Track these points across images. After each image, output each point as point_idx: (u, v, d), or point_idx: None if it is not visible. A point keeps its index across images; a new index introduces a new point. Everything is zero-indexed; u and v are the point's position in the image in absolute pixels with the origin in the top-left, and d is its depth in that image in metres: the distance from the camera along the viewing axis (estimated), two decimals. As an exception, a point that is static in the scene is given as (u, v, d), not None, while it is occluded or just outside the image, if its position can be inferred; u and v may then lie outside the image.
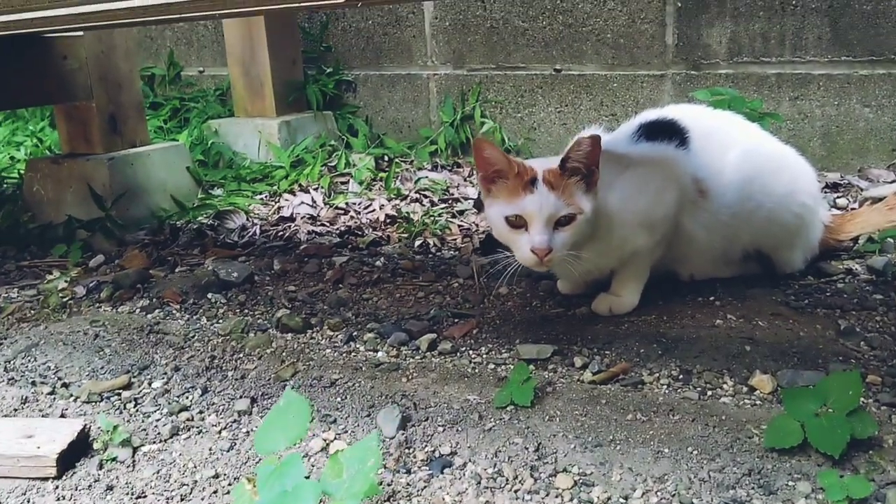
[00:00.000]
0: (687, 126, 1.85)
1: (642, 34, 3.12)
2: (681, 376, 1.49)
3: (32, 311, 2.08)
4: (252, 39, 3.53)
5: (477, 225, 2.61)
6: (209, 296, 2.10)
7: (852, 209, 2.45)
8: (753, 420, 1.28)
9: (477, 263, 2.19)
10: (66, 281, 2.25)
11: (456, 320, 1.86)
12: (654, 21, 3.08)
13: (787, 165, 1.91)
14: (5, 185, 3.16)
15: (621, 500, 1.11)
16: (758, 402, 1.37)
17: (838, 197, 2.59)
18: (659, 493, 1.12)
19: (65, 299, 2.16)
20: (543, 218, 1.54)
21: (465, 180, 3.15)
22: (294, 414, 0.99)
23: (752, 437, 1.23)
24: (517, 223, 1.57)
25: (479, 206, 2.77)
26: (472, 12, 3.41)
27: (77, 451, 1.29)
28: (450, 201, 2.88)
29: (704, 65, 3.03)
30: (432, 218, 2.66)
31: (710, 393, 1.42)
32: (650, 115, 1.92)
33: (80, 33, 2.71)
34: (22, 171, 3.00)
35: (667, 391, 1.43)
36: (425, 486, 1.17)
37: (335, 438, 1.32)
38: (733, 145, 1.86)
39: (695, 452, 1.20)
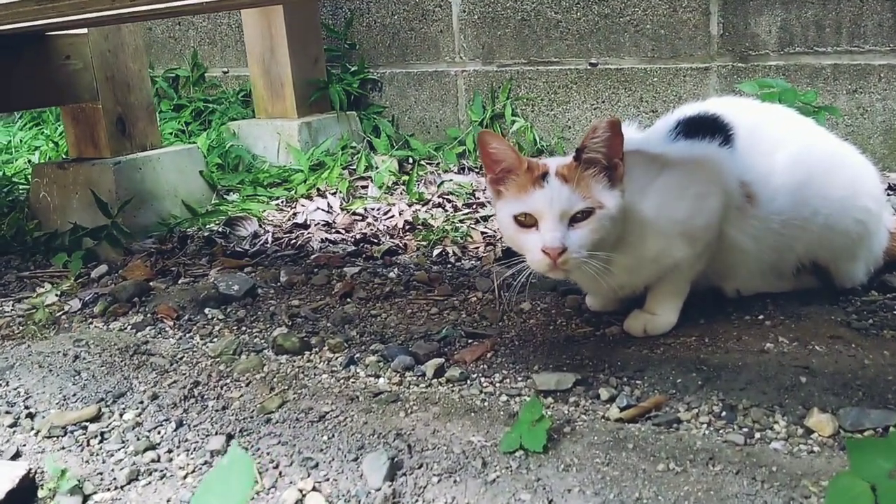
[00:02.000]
0: (731, 122, 1.62)
1: (684, 24, 2.88)
2: (724, 413, 1.27)
3: (20, 328, 1.94)
4: (272, 38, 3.37)
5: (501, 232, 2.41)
6: (206, 311, 1.93)
7: (921, 214, 2.19)
8: (811, 473, 1.06)
9: (498, 275, 1.99)
10: (56, 294, 2.11)
11: (470, 341, 1.66)
12: (698, 9, 2.84)
13: (847, 165, 1.68)
14: (19, 192, 3.05)
15: (646, 579, 0.91)
16: (816, 449, 1.15)
17: (904, 200, 2.34)
18: (694, 572, 0.91)
19: (58, 314, 2.01)
20: (555, 214, 1.34)
21: (493, 183, 2.94)
22: (237, 475, 0.81)
23: (808, 498, 1.01)
24: (527, 222, 1.38)
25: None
26: (502, 4, 3.21)
27: (18, 500, 1.12)
28: (474, 206, 2.68)
29: (753, 56, 2.79)
30: (453, 225, 2.46)
31: (758, 435, 1.20)
32: (690, 109, 1.70)
33: (85, 31, 2.57)
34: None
35: (707, 432, 1.22)
36: (410, 556, 0.97)
37: (313, 489, 1.13)
38: (785, 144, 1.63)
39: (739, 517, 0.99)
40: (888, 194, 2.41)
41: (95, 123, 2.64)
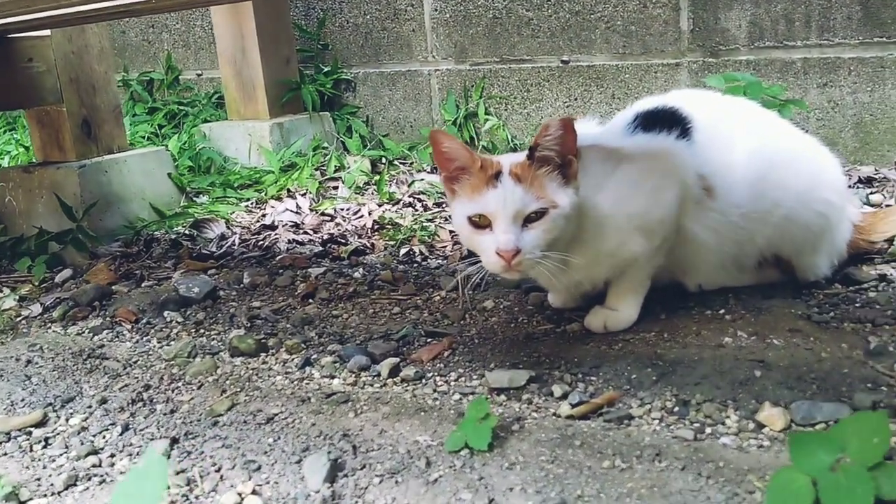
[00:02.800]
0: (690, 115, 1.61)
1: (655, 20, 2.87)
2: (676, 408, 1.25)
3: (-23, 334, 1.90)
4: (243, 39, 3.34)
5: (470, 230, 2.39)
6: (165, 314, 1.91)
7: (887, 206, 2.18)
8: (757, 468, 1.04)
9: (463, 274, 1.96)
10: (14, 299, 2.07)
11: (429, 340, 1.64)
12: (668, 5, 2.83)
13: (808, 158, 1.66)
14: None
15: (582, 579, 0.89)
16: (765, 443, 1.13)
17: (872, 192, 2.32)
18: (630, 571, 0.89)
19: (17, 319, 1.98)
20: (509, 215, 1.32)
21: (465, 182, 2.92)
22: (152, 479, 0.78)
23: (753, 493, 0.99)
24: (481, 223, 1.36)
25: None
26: (474, 3, 3.19)
27: (-49, 509, 1.10)
28: (444, 204, 2.66)
29: (723, 51, 2.77)
30: (421, 224, 2.44)
31: (708, 430, 1.18)
32: (649, 102, 1.68)
33: (48, 33, 2.54)
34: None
35: (657, 428, 1.20)
36: (342, 559, 0.95)
37: (253, 492, 1.11)
38: (745, 136, 1.61)
39: (680, 514, 0.97)
40: (857, 187, 2.40)
41: (60, 126, 2.61)
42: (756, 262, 1.67)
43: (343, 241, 2.42)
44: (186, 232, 2.61)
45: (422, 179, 2.91)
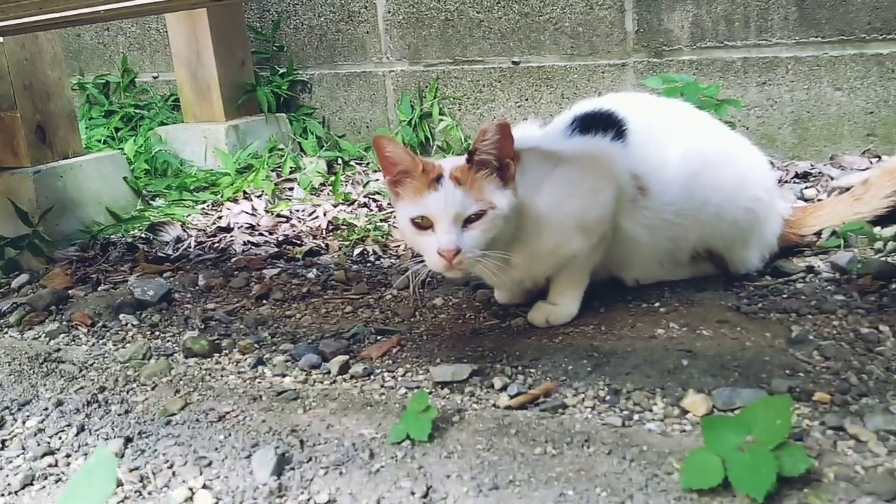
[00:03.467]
0: (625, 117, 1.68)
1: (601, 21, 2.94)
2: (608, 397, 1.32)
3: (-68, 340, 1.92)
4: (198, 41, 3.37)
5: (422, 230, 2.45)
6: (121, 317, 1.94)
7: (819, 200, 2.28)
8: (678, 451, 1.12)
9: (413, 273, 2.02)
10: (-30, 305, 2.09)
11: (379, 337, 1.70)
12: (613, 7, 2.91)
13: (737, 157, 1.74)
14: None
15: (509, 557, 0.95)
16: (688, 428, 1.20)
17: (806, 187, 2.42)
18: (554, 548, 0.95)
19: (-28, 325, 2.00)
20: (450, 217, 1.39)
21: (419, 182, 2.98)
22: (101, 475, 0.83)
23: (671, 474, 1.06)
24: (423, 224, 1.43)
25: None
26: (426, 4, 3.25)
27: None
28: (398, 205, 2.71)
29: (667, 51, 2.86)
30: (375, 224, 2.50)
31: (636, 417, 1.25)
32: (585, 106, 1.76)
33: (1, 39, 2.55)
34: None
35: (589, 416, 1.27)
36: (286, 546, 1.01)
37: (203, 486, 1.16)
38: (678, 137, 1.69)
39: (603, 494, 1.04)
40: (795, 182, 2.50)
41: (14, 132, 2.62)
42: (690, 257, 1.75)
43: (298, 242, 2.46)
44: (143, 235, 2.64)
45: (377, 180, 2.97)
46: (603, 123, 1.68)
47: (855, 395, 1.24)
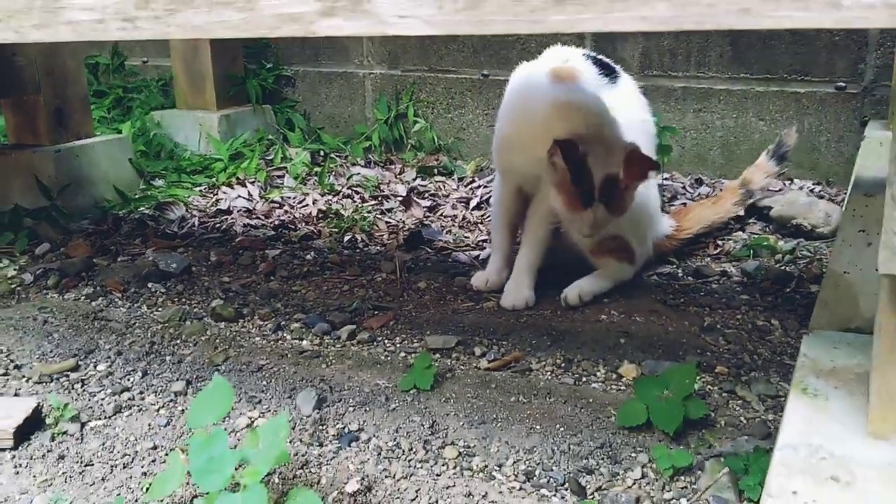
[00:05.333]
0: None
1: (565, 45, 3.34)
2: (563, 364, 1.72)
3: (-19, 298, 2.23)
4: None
5: (403, 222, 2.82)
6: (149, 285, 2.27)
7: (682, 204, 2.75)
8: (615, 403, 1.52)
9: (400, 259, 2.40)
10: (14, 269, 2.40)
11: (375, 312, 2.07)
12: (573, 34, 3.31)
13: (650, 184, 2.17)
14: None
15: (496, 467, 1.34)
16: (622, 388, 1.61)
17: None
18: (527, 462, 1.35)
19: (13, 286, 2.31)
20: None
21: (395, 177, 3.35)
22: (220, 395, 1.19)
23: (609, 417, 1.47)
24: None
25: (406, 203, 2.98)
26: (407, 17, 3.60)
27: (31, 426, 1.47)
28: (380, 198, 3.08)
29: (618, 76, 3.27)
30: (361, 215, 2.86)
31: (584, 379, 1.66)
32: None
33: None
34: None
35: (549, 377, 1.67)
36: (334, 457, 1.38)
37: (259, 417, 1.53)
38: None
39: (561, 429, 1.44)
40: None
41: (36, 114, 2.91)
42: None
43: (293, 227, 2.81)
44: (150, 213, 2.95)
45: (358, 173, 3.32)
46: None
47: (746, 370, 1.66)
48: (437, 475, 1.32)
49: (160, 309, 2.12)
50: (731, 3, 0.61)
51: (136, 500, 1.29)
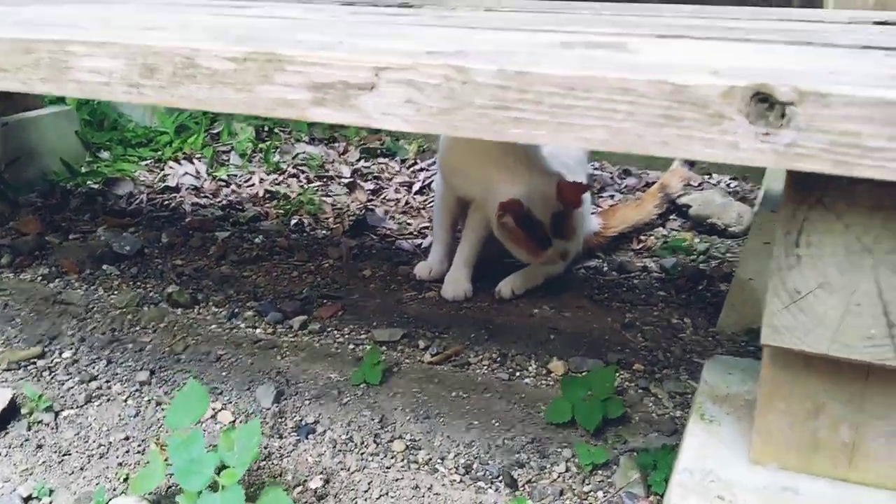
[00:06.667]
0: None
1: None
2: (499, 359, 1.90)
3: (-64, 276, 2.29)
4: (139, 5, 3.67)
5: (348, 206, 2.95)
6: (104, 267, 2.36)
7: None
8: (544, 398, 1.71)
9: (346, 245, 2.54)
10: (-32, 247, 2.46)
11: (325, 301, 2.21)
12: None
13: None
14: None
15: (439, 460, 1.52)
16: (551, 384, 1.80)
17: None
18: (466, 456, 1.53)
19: (-36, 263, 2.37)
20: None
21: (339, 156, 3.46)
22: (195, 399, 1.33)
23: (539, 413, 1.66)
24: None
25: (351, 186, 3.10)
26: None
27: (8, 415, 1.59)
28: (325, 179, 3.20)
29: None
30: (308, 197, 2.98)
31: (518, 374, 1.84)
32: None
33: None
34: None
35: (486, 371, 1.85)
36: (293, 449, 1.54)
37: (222, 408, 1.67)
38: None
39: (497, 424, 1.62)
40: (646, 187, 3.15)
41: (-19, 86, 2.92)
42: None
43: (240, 207, 2.92)
44: (98, 188, 3.01)
45: (303, 151, 3.42)
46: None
47: (660, 367, 1.87)
48: (387, 468, 1.49)
49: (117, 293, 2.22)
50: (654, 137, 0.77)
51: (115, 490, 1.43)
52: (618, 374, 1.80)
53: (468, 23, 1.29)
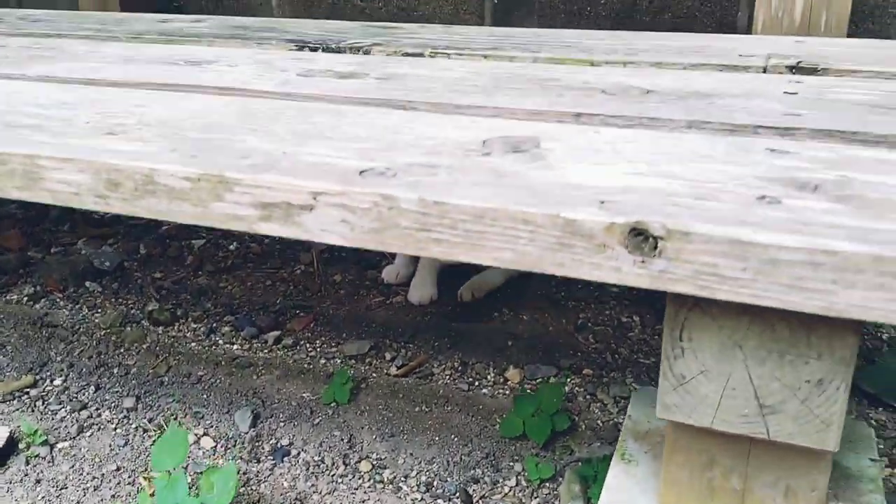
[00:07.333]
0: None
1: (465, 22, 3.56)
2: (460, 368, 2.05)
3: (-74, 300, 2.41)
4: (106, 6, 3.72)
5: (318, 205, 3.06)
6: (87, 284, 2.49)
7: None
8: (500, 409, 1.87)
9: (316, 250, 2.67)
10: (-46, 271, 2.57)
11: (298, 312, 2.35)
12: (475, 13, 3.53)
13: None
14: None
15: (402, 478, 1.68)
16: (507, 393, 1.95)
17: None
18: (427, 473, 1.69)
19: (-48, 284, 2.49)
20: None
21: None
22: (177, 442, 1.48)
23: (495, 426, 1.82)
24: None
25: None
26: (315, -13, 3.74)
27: (7, 451, 1.73)
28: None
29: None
30: (279, 198, 3.08)
31: (476, 384, 1.99)
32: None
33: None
34: None
35: (448, 382, 2.00)
36: (270, 474, 1.69)
37: (204, 433, 1.82)
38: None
39: (455, 439, 1.78)
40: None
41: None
42: None
43: (215, 210, 3.02)
44: (75, 196, 3.11)
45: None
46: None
47: (608, 370, 2.03)
48: (355, 489, 1.64)
49: (100, 311, 2.35)
50: (552, 260, 0.90)
51: (109, 521, 1.58)
52: (569, 381, 1.95)
53: (406, 95, 1.39)
